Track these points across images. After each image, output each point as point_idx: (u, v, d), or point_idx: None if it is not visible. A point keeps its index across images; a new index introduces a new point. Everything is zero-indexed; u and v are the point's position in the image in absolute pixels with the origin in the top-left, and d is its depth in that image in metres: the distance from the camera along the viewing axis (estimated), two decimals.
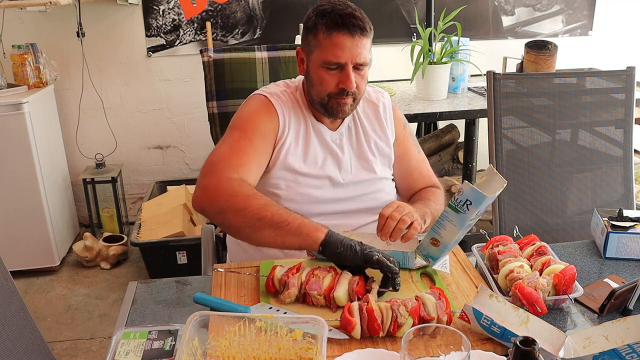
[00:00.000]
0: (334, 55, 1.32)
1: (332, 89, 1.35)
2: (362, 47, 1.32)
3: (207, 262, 1.64)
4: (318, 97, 1.38)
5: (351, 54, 1.32)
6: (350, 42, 1.31)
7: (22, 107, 2.70)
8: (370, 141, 1.49)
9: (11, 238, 2.82)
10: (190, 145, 3.41)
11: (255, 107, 1.43)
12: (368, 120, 1.51)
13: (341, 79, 1.34)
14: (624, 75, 1.90)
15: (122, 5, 3.07)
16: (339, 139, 1.47)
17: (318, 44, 1.34)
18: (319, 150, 1.44)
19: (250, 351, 0.97)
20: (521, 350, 0.80)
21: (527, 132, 1.91)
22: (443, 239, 1.21)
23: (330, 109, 1.38)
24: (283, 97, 1.44)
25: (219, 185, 1.28)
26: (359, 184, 1.48)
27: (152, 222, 2.86)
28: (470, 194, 1.14)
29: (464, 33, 2.82)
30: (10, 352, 1.07)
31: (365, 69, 1.37)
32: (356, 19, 1.31)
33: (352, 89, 1.34)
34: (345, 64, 1.33)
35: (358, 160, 1.48)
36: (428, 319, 1.05)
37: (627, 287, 1.14)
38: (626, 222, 1.39)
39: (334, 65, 1.33)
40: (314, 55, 1.36)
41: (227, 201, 1.26)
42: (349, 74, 1.33)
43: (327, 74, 1.35)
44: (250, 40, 3.23)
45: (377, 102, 1.52)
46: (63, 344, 2.40)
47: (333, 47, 1.32)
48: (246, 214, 1.23)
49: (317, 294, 1.14)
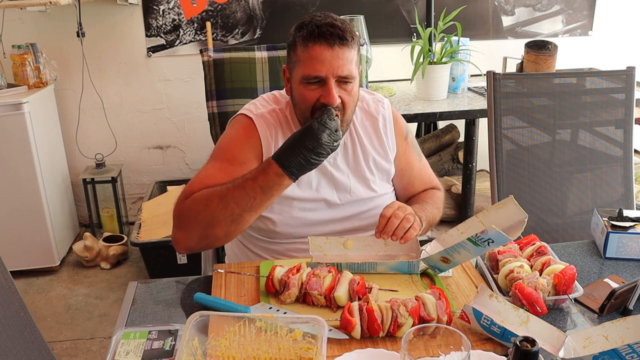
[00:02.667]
0: (312, 68, 1.22)
1: (312, 104, 1.25)
2: (344, 58, 1.22)
3: (207, 262, 1.65)
4: (302, 115, 1.30)
5: (331, 66, 1.22)
6: (330, 54, 1.21)
7: (22, 107, 2.70)
8: (369, 158, 1.42)
9: (11, 238, 2.82)
10: (190, 145, 3.41)
11: (235, 135, 1.37)
12: (367, 135, 1.42)
13: (322, 94, 1.24)
14: (624, 75, 1.90)
15: (122, 5, 3.07)
16: (333, 157, 1.38)
17: (297, 59, 1.26)
18: (312, 172, 1.32)
19: (250, 351, 0.97)
20: (521, 350, 0.80)
21: (527, 132, 1.91)
22: (455, 260, 1.21)
23: None
24: (270, 117, 1.37)
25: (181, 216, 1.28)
26: (356, 203, 1.42)
27: (152, 222, 2.86)
28: (495, 236, 1.11)
29: (464, 33, 2.81)
30: (10, 352, 1.07)
31: (352, 84, 1.26)
32: (335, 27, 1.22)
33: (334, 105, 1.23)
34: (326, 78, 1.23)
35: (356, 179, 1.41)
36: (428, 319, 1.05)
37: (627, 287, 1.14)
38: (626, 222, 1.39)
39: (313, 79, 1.24)
40: (295, 72, 1.28)
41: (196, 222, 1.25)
42: (331, 88, 1.22)
43: (307, 90, 1.25)
44: (250, 40, 3.23)
45: (376, 115, 1.43)
46: (63, 344, 2.40)
47: (311, 60, 1.22)
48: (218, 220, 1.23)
49: (318, 293, 1.14)
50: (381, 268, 1.25)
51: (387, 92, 2.85)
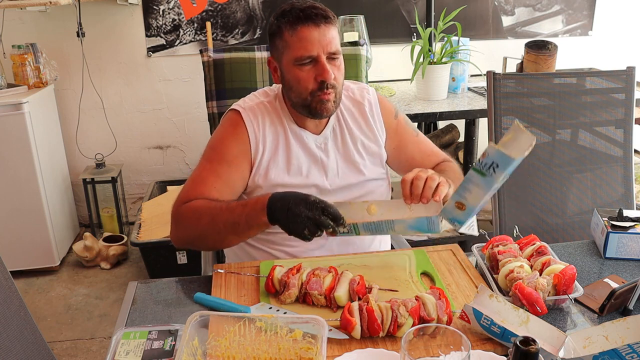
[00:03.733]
0: (304, 49, 1.30)
1: (311, 85, 1.32)
2: (331, 35, 1.30)
3: (207, 262, 1.65)
4: (299, 98, 1.35)
5: (321, 44, 1.29)
6: (318, 33, 1.29)
7: (22, 107, 2.70)
8: (357, 141, 1.45)
9: (11, 238, 2.82)
10: (190, 145, 3.41)
11: (223, 133, 1.42)
12: (353, 120, 1.46)
13: (318, 72, 1.31)
14: (624, 75, 1.90)
15: (122, 5, 3.07)
16: (324, 142, 1.43)
17: (286, 44, 1.32)
18: (303, 158, 1.41)
19: (250, 351, 0.97)
20: (521, 350, 0.80)
21: None
22: (469, 202, 1.13)
23: (313, 110, 1.35)
24: (258, 109, 1.42)
25: (177, 219, 1.37)
26: (347, 188, 1.44)
27: (152, 222, 2.86)
28: (496, 156, 1.05)
29: (464, 33, 2.82)
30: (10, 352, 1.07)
31: (340, 59, 1.34)
32: (317, 9, 1.30)
33: (330, 80, 1.30)
34: (318, 56, 1.30)
35: (345, 164, 1.44)
36: (428, 319, 1.05)
37: (627, 287, 1.14)
38: (626, 222, 1.39)
39: (307, 60, 1.31)
40: (285, 57, 1.33)
41: (185, 233, 1.36)
42: (324, 64, 1.30)
43: (301, 71, 1.32)
44: (250, 40, 3.23)
45: (362, 100, 1.48)
46: (63, 344, 2.40)
47: (301, 41, 1.29)
48: (206, 236, 1.32)
49: (318, 293, 1.14)
50: (399, 227, 1.21)
51: (387, 92, 2.85)
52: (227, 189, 1.38)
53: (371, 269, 1.29)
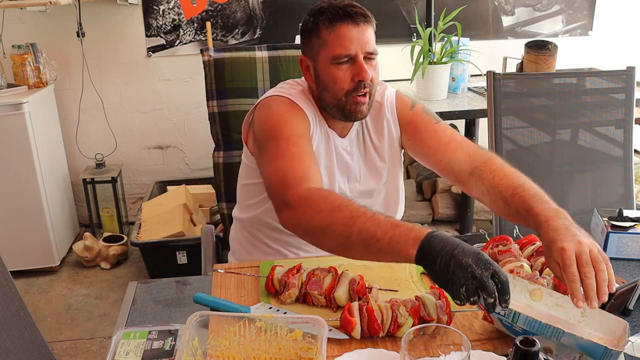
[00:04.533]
0: (342, 47, 1.26)
1: (347, 85, 1.28)
2: (369, 35, 1.28)
3: (207, 262, 1.64)
4: (334, 99, 1.31)
5: (359, 42, 1.27)
6: (357, 31, 1.26)
7: (22, 107, 2.69)
8: (377, 146, 1.43)
9: (11, 238, 2.81)
10: (190, 145, 3.41)
11: (283, 112, 1.31)
12: (373, 124, 1.43)
13: (355, 72, 1.27)
14: (624, 75, 1.90)
15: (122, 5, 3.07)
16: (349, 146, 1.41)
17: (323, 42, 1.28)
18: (331, 158, 1.38)
19: (250, 351, 0.97)
20: (521, 350, 0.80)
21: (527, 132, 1.91)
22: None
23: (347, 112, 1.31)
24: (304, 98, 1.36)
25: (300, 202, 1.13)
26: (367, 193, 1.43)
27: (152, 222, 2.86)
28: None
29: (464, 33, 2.81)
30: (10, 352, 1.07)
31: (376, 60, 1.31)
32: (356, 7, 1.28)
33: (368, 79, 1.27)
34: (356, 55, 1.27)
35: (367, 169, 1.43)
36: (428, 319, 1.05)
37: (627, 287, 1.14)
38: (626, 222, 1.39)
39: (344, 58, 1.27)
40: (321, 56, 1.30)
41: (312, 219, 1.10)
42: (362, 64, 1.27)
43: (339, 70, 1.28)
44: (250, 40, 3.23)
45: (380, 100, 1.44)
46: (63, 344, 2.40)
47: (339, 39, 1.26)
48: (333, 232, 1.07)
49: (318, 293, 1.14)
50: (567, 341, 0.94)
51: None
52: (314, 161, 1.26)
53: (371, 269, 1.29)
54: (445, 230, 2.91)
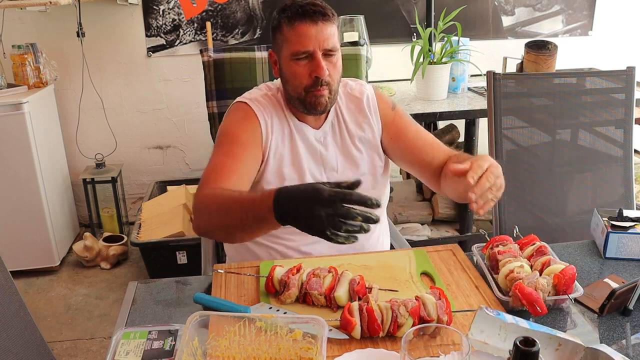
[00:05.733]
0: (300, 44, 1.32)
1: (306, 80, 1.34)
2: (328, 32, 1.33)
3: (207, 262, 1.64)
4: (295, 92, 1.38)
5: (317, 40, 1.32)
6: (315, 29, 1.32)
7: (22, 107, 2.70)
8: (355, 137, 1.47)
9: (11, 238, 2.82)
10: (190, 145, 3.41)
11: (234, 118, 1.43)
12: (350, 115, 1.48)
13: (312, 68, 1.33)
14: (624, 75, 1.90)
15: (122, 5, 3.07)
16: (323, 137, 1.46)
17: (284, 38, 1.35)
18: (304, 152, 1.44)
19: (250, 351, 0.97)
20: (521, 350, 0.80)
21: (527, 132, 1.91)
22: None
23: (308, 104, 1.37)
24: (263, 100, 1.44)
25: (196, 206, 1.27)
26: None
27: (152, 222, 2.86)
28: None
29: (464, 33, 2.81)
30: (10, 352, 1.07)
31: (336, 56, 1.36)
32: (316, 6, 1.33)
33: (324, 76, 1.33)
34: (314, 52, 1.33)
35: (344, 158, 1.47)
36: (428, 319, 1.05)
37: (627, 287, 1.14)
38: (626, 222, 1.39)
39: (302, 55, 1.33)
40: (283, 51, 1.36)
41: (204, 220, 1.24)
42: (319, 60, 1.32)
43: (297, 65, 1.34)
44: (250, 40, 3.23)
45: (360, 96, 1.50)
46: (63, 344, 2.41)
47: (298, 36, 1.32)
48: (219, 227, 1.21)
49: (318, 293, 1.14)
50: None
51: (387, 92, 2.85)
52: (245, 170, 1.36)
53: (371, 269, 1.29)
54: (445, 231, 2.91)
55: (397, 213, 2.88)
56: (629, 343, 1.07)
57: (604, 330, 1.11)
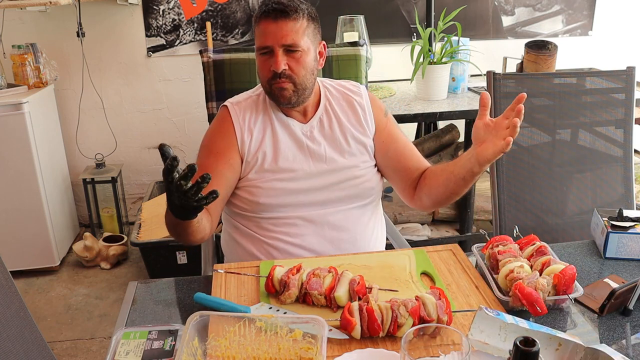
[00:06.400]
0: (261, 40, 1.41)
1: (267, 74, 1.42)
2: (288, 29, 1.38)
3: (207, 262, 1.65)
4: (262, 85, 1.46)
5: (276, 37, 1.38)
6: (274, 27, 1.38)
7: (22, 107, 2.69)
8: (345, 131, 1.51)
9: (11, 238, 2.82)
10: (190, 145, 3.41)
11: (213, 127, 1.54)
12: (343, 111, 1.53)
13: (271, 63, 1.40)
14: (624, 75, 1.90)
15: (122, 5, 3.07)
16: (310, 130, 1.50)
17: (255, 35, 1.45)
18: (289, 144, 1.48)
19: (250, 351, 0.97)
20: (521, 350, 0.80)
21: (527, 132, 1.91)
22: None
23: (273, 96, 1.44)
24: (245, 102, 1.52)
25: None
26: (334, 172, 1.49)
27: (152, 222, 2.86)
28: None
29: (464, 33, 2.81)
30: (10, 352, 1.07)
31: (300, 53, 1.40)
32: (279, 4, 1.39)
33: (279, 70, 1.38)
34: (273, 47, 1.39)
35: (332, 149, 1.50)
36: (428, 319, 1.05)
37: (627, 287, 1.14)
38: (626, 222, 1.39)
39: (264, 50, 1.41)
40: (255, 46, 1.45)
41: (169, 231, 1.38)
42: (276, 55, 1.39)
43: (261, 60, 1.43)
44: (250, 40, 3.22)
45: (354, 96, 1.55)
46: (63, 344, 2.41)
47: (260, 33, 1.41)
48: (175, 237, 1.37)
49: (318, 293, 1.14)
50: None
51: (387, 92, 2.85)
52: (216, 181, 1.42)
53: (371, 269, 1.29)
54: (445, 231, 2.91)
55: (397, 213, 2.88)
56: (629, 343, 1.07)
57: (604, 330, 1.11)
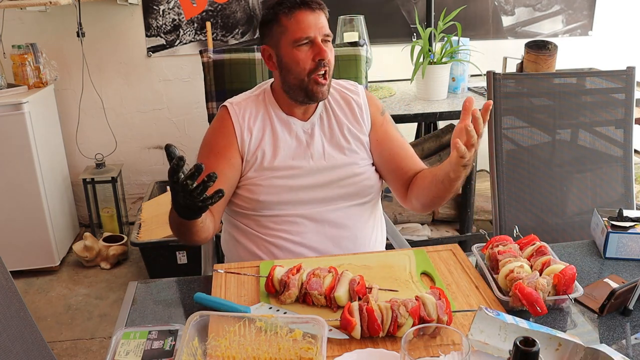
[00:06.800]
0: (301, 31, 1.40)
1: (309, 65, 1.41)
2: (324, 20, 1.42)
3: (207, 262, 1.65)
4: (297, 79, 1.43)
5: (316, 26, 1.40)
6: (313, 17, 1.40)
7: (22, 107, 2.70)
8: (344, 128, 1.52)
9: (11, 238, 2.82)
10: (190, 145, 3.41)
11: (213, 126, 1.54)
12: (341, 109, 1.54)
13: (315, 52, 1.40)
14: (624, 75, 1.90)
15: (122, 5, 3.07)
16: (311, 128, 1.51)
17: (284, 29, 1.42)
18: (289, 142, 1.49)
19: (250, 351, 0.97)
20: (521, 350, 0.80)
21: (527, 132, 1.91)
22: None
23: (310, 92, 1.43)
24: (244, 102, 1.52)
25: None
26: (334, 169, 1.50)
27: (152, 222, 2.86)
28: None
29: (464, 33, 2.81)
30: (10, 352, 1.07)
31: (331, 43, 1.44)
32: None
33: (327, 57, 1.40)
34: (315, 37, 1.40)
35: (331, 146, 1.51)
36: (428, 319, 1.05)
37: (627, 287, 1.14)
38: (626, 222, 1.39)
39: (304, 41, 1.40)
40: (283, 41, 1.43)
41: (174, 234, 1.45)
42: (320, 45, 1.40)
43: (300, 52, 1.41)
44: (250, 40, 3.23)
45: (350, 94, 1.56)
46: (63, 344, 2.41)
47: (299, 24, 1.40)
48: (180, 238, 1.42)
49: (318, 293, 1.14)
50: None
51: (387, 92, 2.85)
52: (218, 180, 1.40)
53: (371, 269, 1.29)
54: (445, 231, 2.91)
55: (397, 213, 2.88)
56: (629, 343, 1.07)
57: (604, 330, 1.11)
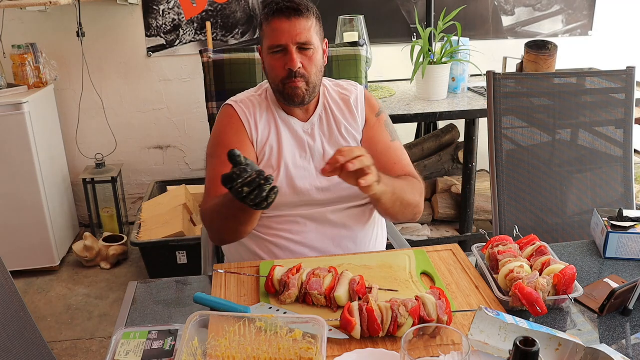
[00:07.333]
0: (275, 38, 1.40)
1: (281, 73, 1.41)
2: (301, 28, 1.39)
3: (207, 262, 1.65)
4: (274, 84, 1.45)
5: (290, 35, 1.39)
6: (288, 25, 1.39)
7: (22, 107, 2.69)
8: (341, 126, 1.52)
9: (11, 238, 2.81)
10: (190, 145, 3.41)
11: (221, 124, 1.52)
12: (338, 108, 1.55)
13: (286, 61, 1.40)
14: (624, 75, 1.90)
15: (122, 5, 3.07)
16: (311, 128, 1.51)
17: (264, 34, 1.44)
18: (291, 142, 1.50)
19: (250, 351, 0.97)
20: (521, 350, 0.80)
21: (527, 132, 1.91)
22: None
23: (286, 95, 1.44)
24: (248, 101, 1.52)
25: (204, 222, 1.45)
26: None
27: (152, 222, 2.86)
28: None
29: (464, 33, 2.81)
30: (10, 352, 1.07)
31: (312, 51, 1.41)
32: (290, 2, 1.39)
33: (295, 68, 1.39)
34: (287, 45, 1.40)
35: (330, 147, 1.51)
36: (428, 319, 1.05)
37: (627, 287, 1.14)
38: (626, 222, 1.39)
39: (277, 49, 1.41)
40: (264, 46, 1.46)
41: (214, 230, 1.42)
42: (292, 54, 1.39)
43: (273, 59, 1.42)
44: (250, 40, 3.23)
45: (349, 94, 1.56)
46: (63, 344, 2.41)
47: (273, 32, 1.40)
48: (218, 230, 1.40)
49: (318, 293, 1.14)
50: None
51: (387, 92, 2.85)
52: None
53: (371, 269, 1.29)
54: (445, 231, 2.91)
55: None
56: (629, 343, 1.07)
57: (604, 330, 1.11)
